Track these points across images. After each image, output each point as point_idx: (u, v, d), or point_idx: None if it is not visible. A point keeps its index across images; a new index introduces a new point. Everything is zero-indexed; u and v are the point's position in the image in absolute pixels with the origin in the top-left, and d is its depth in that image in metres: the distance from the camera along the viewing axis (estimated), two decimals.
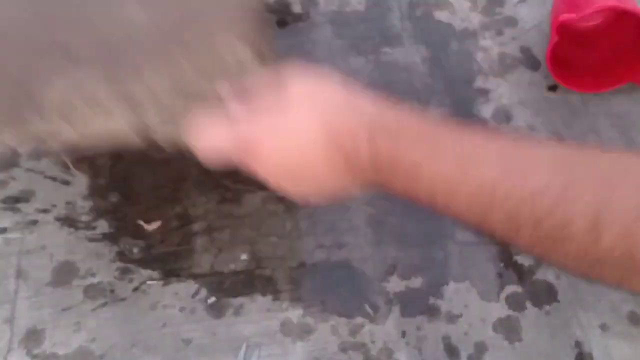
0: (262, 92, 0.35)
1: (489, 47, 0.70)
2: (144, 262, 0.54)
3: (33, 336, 0.50)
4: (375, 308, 0.52)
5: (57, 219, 0.57)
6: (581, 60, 0.67)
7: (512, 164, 0.29)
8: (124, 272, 0.54)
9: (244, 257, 0.55)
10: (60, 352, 0.50)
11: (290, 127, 0.34)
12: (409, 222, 0.57)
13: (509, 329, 0.51)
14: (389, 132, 0.32)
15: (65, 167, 0.60)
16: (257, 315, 0.52)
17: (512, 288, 0.53)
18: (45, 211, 0.57)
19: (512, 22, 0.72)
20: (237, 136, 0.35)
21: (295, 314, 0.52)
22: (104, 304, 0.52)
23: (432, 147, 0.31)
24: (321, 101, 0.34)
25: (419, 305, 0.52)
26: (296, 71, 0.35)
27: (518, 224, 0.28)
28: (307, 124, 0.33)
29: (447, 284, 0.53)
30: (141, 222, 0.56)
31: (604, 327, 0.51)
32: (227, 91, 0.38)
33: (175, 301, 0.52)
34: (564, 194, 0.26)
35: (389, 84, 0.66)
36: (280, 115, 0.34)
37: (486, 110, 0.64)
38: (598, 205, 0.25)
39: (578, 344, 0.50)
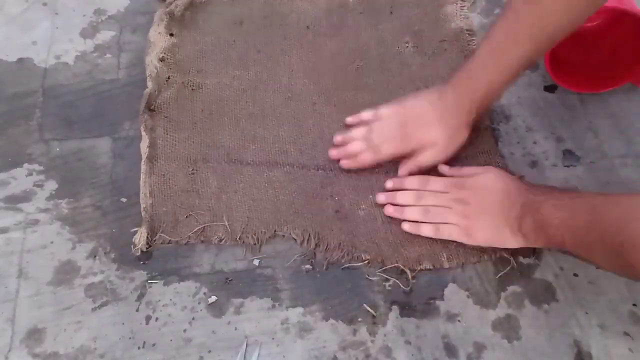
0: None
1: None
2: (144, 262, 0.55)
3: (34, 335, 0.51)
4: (375, 307, 0.52)
5: (58, 218, 0.57)
6: (580, 61, 0.67)
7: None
8: (125, 271, 0.54)
9: (244, 256, 0.55)
10: (61, 351, 0.50)
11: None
12: None
13: (508, 328, 0.51)
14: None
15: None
16: (257, 314, 0.52)
17: (512, 287, 0.53)
18: (46, 211, 0.57)
19: None
20: None
21: (295, 312, 0.52)
22: (105, 303, 0.52)
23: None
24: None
25: (418, 304, 0.52)
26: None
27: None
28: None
29: (447, 283, 0.54)
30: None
31: (602, 327, 0.51)
32: None
33: (176, 300, 0.53)
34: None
35: None
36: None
37: None
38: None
39: (577, 343, 0.50)
